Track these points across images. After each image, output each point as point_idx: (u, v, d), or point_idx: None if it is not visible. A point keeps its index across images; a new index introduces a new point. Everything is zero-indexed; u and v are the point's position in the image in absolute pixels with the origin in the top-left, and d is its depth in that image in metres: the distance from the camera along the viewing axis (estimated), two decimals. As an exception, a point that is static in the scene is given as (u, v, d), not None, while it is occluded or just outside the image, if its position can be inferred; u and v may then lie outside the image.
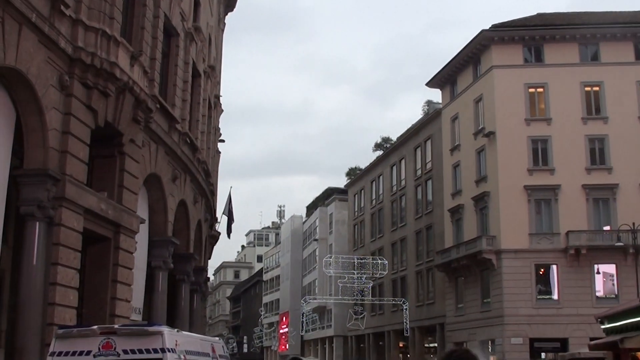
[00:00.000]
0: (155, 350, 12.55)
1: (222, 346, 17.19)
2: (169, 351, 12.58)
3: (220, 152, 44.56)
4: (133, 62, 20.12)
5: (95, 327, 12.96)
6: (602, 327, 21.15)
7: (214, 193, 38.26)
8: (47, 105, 16.65)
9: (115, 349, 12.55)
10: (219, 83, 40.71)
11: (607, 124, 51.05)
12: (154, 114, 22.29)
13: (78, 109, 17.86)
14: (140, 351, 12.57)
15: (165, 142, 24.51)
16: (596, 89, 51.84)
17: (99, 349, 12.55)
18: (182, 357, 13.13)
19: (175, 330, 13.75)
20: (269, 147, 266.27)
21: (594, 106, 51.77)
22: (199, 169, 30.15)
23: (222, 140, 44.62)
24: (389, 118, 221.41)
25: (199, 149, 30.03)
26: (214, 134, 38.89)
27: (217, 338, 18.82)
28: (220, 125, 42.88)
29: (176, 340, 12.99)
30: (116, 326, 13.38)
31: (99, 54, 18.19)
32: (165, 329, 12.93)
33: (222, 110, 42.31)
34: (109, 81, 18.72)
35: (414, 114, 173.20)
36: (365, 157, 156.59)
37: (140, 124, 21.14)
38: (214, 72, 35.89)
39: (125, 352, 12.55)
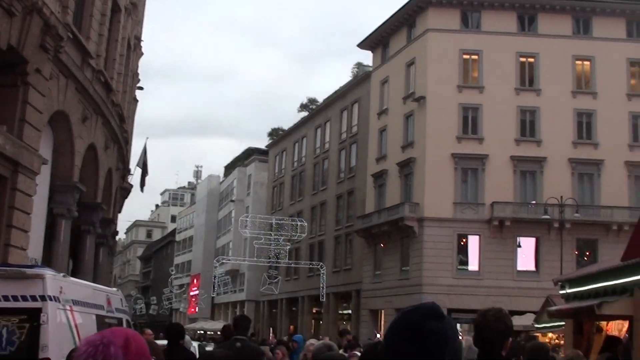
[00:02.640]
0: (34, 298, 10.37)
1: (121, 299, 15.07)
2: (51, 299, 10.44)
3: (137, 100, 41.92)
4: (43, -20, 17.64)
5: None
6: (562, 292, 19.34)
7: (128, 141, 35.73)
8: None
9: None
10: (140, 23, 38.02)
11: (540, 96, 50.21)
12: (65, 44, 19.76)
13: (-26, 26, 15.40)
14: (16, 298, 10.37)
15: (77, 77, 21.96)
16: (531, 60, 50.88)
17: None
18: (68, 307, 10.97)
19: (61, 274, 11.49)
20: (188, 109, 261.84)
21: (527, 77, 50.86)
22: (112, 112, 27.65)
23: (141, 88, 41.89)
24: (317, 84, 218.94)
25: (114, 91, 27.52)
26: (132, 79, 36.30)
27: (114, 289, 16.59)
28: (139, 71, 40.29)
29: (61, 287, 10.79)
30: None
31: (2, -35, 15.72)
32: (47, 272, 10.73)
33: (142, 54, 39.64)
34: (13, -3, 16.26)
35: (344, 79, 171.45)
36: (290, 121, 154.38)
37: (48, 53, 18.62)
38: (136, 10, 33.24)
39: None
